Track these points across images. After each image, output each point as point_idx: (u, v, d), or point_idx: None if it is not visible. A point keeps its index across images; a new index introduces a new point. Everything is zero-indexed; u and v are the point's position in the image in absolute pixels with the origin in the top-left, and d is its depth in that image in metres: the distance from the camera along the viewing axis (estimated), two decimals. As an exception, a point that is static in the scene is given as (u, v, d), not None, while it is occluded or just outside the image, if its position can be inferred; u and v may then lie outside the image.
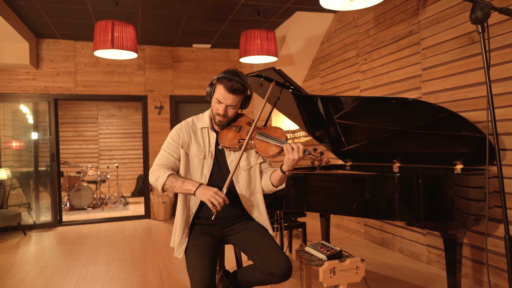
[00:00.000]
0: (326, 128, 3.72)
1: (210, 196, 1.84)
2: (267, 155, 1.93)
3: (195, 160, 2.07)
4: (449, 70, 3.42)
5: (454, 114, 2.57)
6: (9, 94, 5.87)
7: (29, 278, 3.66)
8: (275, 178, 2.01)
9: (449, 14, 3.39)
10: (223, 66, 6.96)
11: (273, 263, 1.89)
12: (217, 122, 2.05)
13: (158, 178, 1.97)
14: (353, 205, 2.64)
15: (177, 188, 1.95)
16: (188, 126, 2.11)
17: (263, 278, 1.96)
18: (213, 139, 2.10)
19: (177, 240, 2.06)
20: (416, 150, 3.24)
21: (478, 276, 3.19)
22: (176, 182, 1.95)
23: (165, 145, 2.10)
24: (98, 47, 4.34)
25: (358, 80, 4.72)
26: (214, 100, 2.00)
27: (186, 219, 2.08)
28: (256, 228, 2.10)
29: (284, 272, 1.88)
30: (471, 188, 2.56)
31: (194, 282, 1.83)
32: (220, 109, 1.99)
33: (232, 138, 2.01)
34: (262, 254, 1.95)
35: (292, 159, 1.84)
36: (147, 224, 6.10)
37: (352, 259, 2.12)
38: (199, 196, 1.88)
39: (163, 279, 3.54)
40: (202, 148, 2.07)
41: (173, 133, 2.10)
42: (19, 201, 6.38)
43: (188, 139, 2.08)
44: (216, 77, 2.01)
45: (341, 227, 5.25)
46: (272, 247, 1.97)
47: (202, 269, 1.85)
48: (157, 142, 6.63)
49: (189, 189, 1.92)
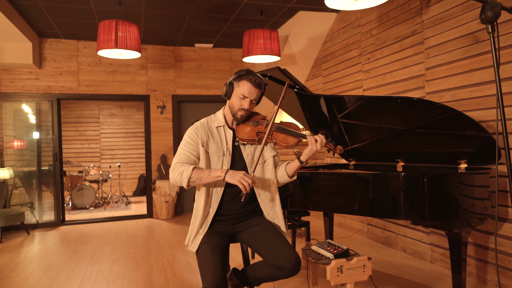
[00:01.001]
0: (329, 127, 3.72)
1: (240, 178, 1.90)
2: (287, 145, 2.07)
3: (214, 158, 2.14)
4: (452, 70, 3.43)
5: (459, 113, 2.58)
6: (12, 93, 5.88)
7: (34, 277, 3.67)
8: (291, 169, 2.17)
9: (453, 14, 3.40)
10: (225, 65, 6.97)
11: (283, 257, 1.93)
12: (239, 118, 2.14)
13: (182, 173, 1.99)
14: (358, 204, 2.65)
15: (205, 178, 1.98)
16: (203, 127, 2.17)
17: (272, 272, 1.98)
18: (229, 136, 2.18)
19: (193, 234, 2.10)
20: (420, 149, 3.24)
21: (482, 275, 3.21)
22: (202, 173, 1.99)
23: (183, 145, 2.13)
24: (102, 47, 4.35)
25: (361, 79, 4.73)
26: (238, 96, 2.10)
27: (206, 215, 2.12)
28: (266, 224, 2.15)
29: (293, 266, 1.91)
30: (476, 187, 2.57)
31: (206, 278, 1.85)
32: (245, 104, 2.10)
33: (250, 131, 2.12)
34: (271, 249, 1.99)
35: (314, 149, 2.03)
36: (149, 224, 6.11)
37: (359, 257, 2.13)
38: (229, 179, 1.93)
39: (168, 278, 3.55)
40: (220, 146, 2.15)
41: (191, 133, 2.14)
42: (22, 200, 6.39)
43: (207, 138, 2.14)
44: (235, 76, 2.11)
45: (343, 226, 5.27)
46: (281, 242, 2.01)
47: (214, 266, 1.89)
48: (159, 142, 6.64)
49: (218, 175, 1.96)
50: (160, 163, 6.61)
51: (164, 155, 6.60)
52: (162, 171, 6.54)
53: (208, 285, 1.85)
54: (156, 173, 6.60)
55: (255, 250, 2.08)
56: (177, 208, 6.70)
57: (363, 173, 2.80)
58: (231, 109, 2.16)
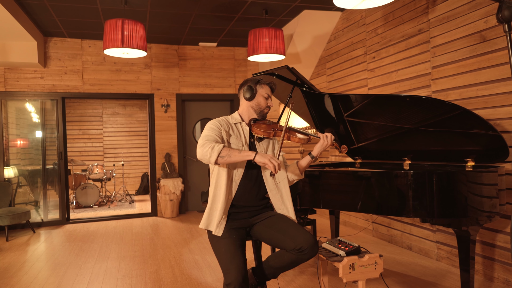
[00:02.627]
0: (335, 126, 3.74)
1: (270, 157, 1.98)
2: (300, 139, 2.24)
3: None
4: (459, 68, 3.44)
5: (468, 112, 2.59)
6: (17, 92, 5.90)
7: (43, 275, 3.70)
8: (303, 164, 2.36)
9: (460, 13, 3.42)
10: (229, 64, 6.99)
11: (301, 239, 2.04)
12: (264, 115, 2.37)
13: (213, 147, 2.02)
14: (368, 202, 2.67)
15: (235, 156, 2.02)
16: (224, 121, 2.31)
17: (292, 258, 2.07)
18: (247, 132, 2.35)
19: (217, 219, 2.14)
20: (426, 148, 3.26)
21: (488, 272, 3.23)
22: (232, 150, 2.04)
23: (208, 131, 2.18)
24: (108, 46, 4.36)
25: (366, 78, 4.75)
26: (263, 96, 2.34)
27: (226, 202, 2.19)
28: (280, 215, 2.28)
29: (312, 245, 2.02)
30: (485, 185, 2.59)
31: (231, 275, 1.90)
32: (270, 102, 2.38)
33: (266, 127, 2.30)
34: (290, 234, 2.09)
35: (325, 144, 2.24)
36: (154, 222, 6.13)
37: (370, 255, 2.15)
38: (259, 159, 1.99)
39: (176, 275, 3.57)
40: (239, 138, 2.31)
41: (214, 123, 2.24)
42: (26, 199, 6.41)
43: (228, 130, 2.28)
44: (255, 81, 2.36)
45: (348, 224, 5.29)
46: (298, 227, 2.14)
47: (238, 262, 1.95)
48: (163, 140, 6.66)
49: (248, 154, 2.03)
50: (165, 161, 6.62)
51: (168, 154, 6.62)
52: (166, 169, 6.56)
53: (233, 280, 1.89)
54: (161, 172, 6.62)
55: (272, 239, 2.16)
56: (182, 207, 6.73)
57: (374, 172, 2.81)
58: (258, 108, 2.34)
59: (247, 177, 2.26)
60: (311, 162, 2.36)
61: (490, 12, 3.14)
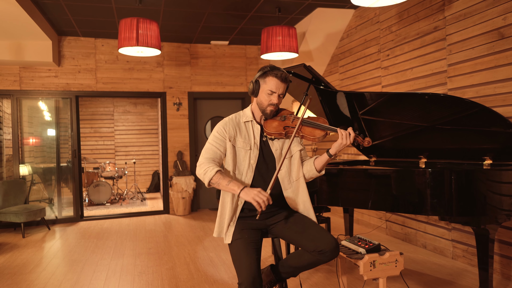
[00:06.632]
0: (350, 123, 3.73)
1: (254, 195, 1.90)
2: (314, 138, 2.10)
3: (241, 152, 2.17)
4: (476, 66, 3.42)
5: (487, 109, 2.58)
6: (32, 91, 5.97)
7: (60, 271, 3.75)
8: (320, 163, 2.17)
9: (477, 10, 3.39)
10: (241, 62, 7.00)
11: (322, 241, 1.98)
12: (268, 113, 2.18)
13: (206, 172, 2.04)
14: (386, 199, 2.67)
15: (222, 186, 2.02)
16: (232, 122, 2.22)
17: (312, 259, 2.02)
18: (257, 131, 2.22)
19: (225, 226, 2.13)
20: (443, 146, 3.24)
21: (506, 271, 3.21)
22: (222, 180, 2.02)
23: (211, 139, 2.18)
24: (123, 45, 4.39)
25: (380, 76, 4.73)
26: (266, 92, 2.14)
27: (234, 208, 2.15)
28: (298, 215, 2.20)
29: (333, 248, 1.97)
30: (504, 183, 2.57)
31: (242, 274, 1.89)
32: (274, 99, 2.14)
33: (278, 126, 2.16)
34: (310, 235, 2.04)
35: (344, 143, 2.03)
36: (167, 219, 6.17)
37: (391, 252, 2.15)
38: (244, 197, 1.95)
39: (192, 272, 3.60)
40: (247, 140, 2.19)
41: (219, 128, 2.19)
42: (40, 196, 6.50)
43: (234, 133, 2.19)
44: (260, 73, 2.14)
45: (361, 222, 5.28)
46: (318, 228, 2.07)
47: (249, 261, 1.92)
48: (175, 138, 6.70)
49: (234, 189, 1.99)
50: (177, 159, 6.66)
51: (180, 152, 6.65)
52: (178, 167, 6.60)
53: (244, 280, 1.89)
54: (173, 170, 6.66)
55: (291, 240, 2.12)
56: (194, 204, 6.76)
57: (393, 170, 2.81)
58: (260, 106, 2.19)
59: (257, 181, 2.15)
60: (329, 161, 2.17)
61: (508, 9, 3.12)
